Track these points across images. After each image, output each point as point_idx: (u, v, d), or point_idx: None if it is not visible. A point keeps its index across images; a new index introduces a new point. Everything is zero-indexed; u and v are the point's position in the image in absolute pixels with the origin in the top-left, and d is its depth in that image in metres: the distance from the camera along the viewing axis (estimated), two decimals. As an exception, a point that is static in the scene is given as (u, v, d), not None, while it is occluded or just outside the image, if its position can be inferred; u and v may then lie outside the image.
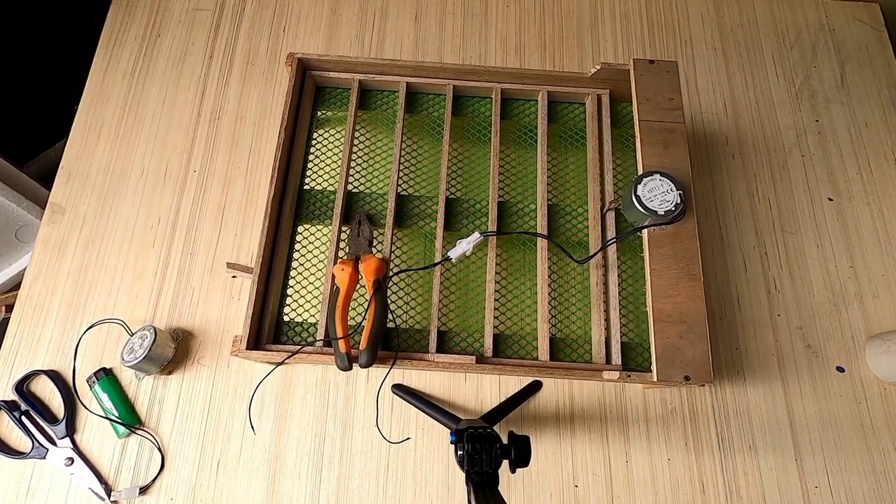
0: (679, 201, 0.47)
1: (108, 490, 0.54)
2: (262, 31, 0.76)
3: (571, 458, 0.57)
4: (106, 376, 0.57)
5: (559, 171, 0.58)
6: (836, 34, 0.79)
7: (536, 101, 0.60)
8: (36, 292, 0.62)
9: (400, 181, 0.56)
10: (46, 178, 0.80)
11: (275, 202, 0.52)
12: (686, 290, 0.47)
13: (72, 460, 0.55)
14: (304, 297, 0.55)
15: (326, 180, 0.56)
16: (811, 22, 0.80)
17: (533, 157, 0.58)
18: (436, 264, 0.48)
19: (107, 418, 0.56)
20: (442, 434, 0.57)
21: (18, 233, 0.89)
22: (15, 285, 0.94)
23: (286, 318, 0.53)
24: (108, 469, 0.55)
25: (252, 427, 0.56)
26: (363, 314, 0.51)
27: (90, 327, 0.59)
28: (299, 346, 0.50)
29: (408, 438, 0.56)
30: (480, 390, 0.59)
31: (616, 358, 0.51)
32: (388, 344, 0.51)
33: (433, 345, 0.50)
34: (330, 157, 0.57)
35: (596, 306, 0.53)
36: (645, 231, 0.49)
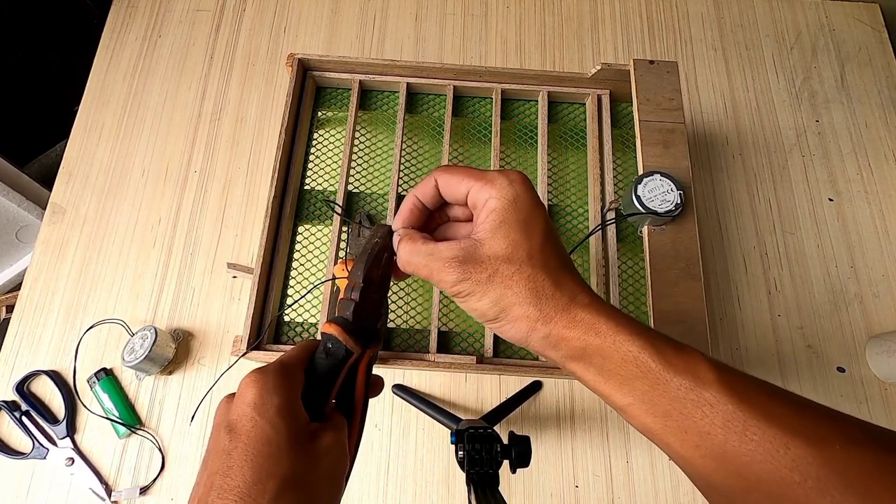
0: (679, 201, 0.47)
1: (109, 490, 0.54)
2: (263, 31, 0.76)
3: (572, 459, 0.57)
4: (106, 376, 0.57)
5: (559, 171, 0.58)
6: (836, 34, 0.79)
7: (536, 101, 0.60)
8: (36, 293, 0.62)
9: (400, 181, 0.56)
10: (47, 179, 0.81)
11: (275, 202, 0.52)
12: (686, 290, 0.47)
13: (72, 460, 0.55)
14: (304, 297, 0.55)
15: (327, 180, 0.56)
16: (811, 22, 0.80)
17: (533, 157, 0.58)
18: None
19: (107, 418, 0.56)
20: (442, 434, 0.57)
21: (19, 233, 0.89)
22: (15, 286, 0.94)
23: (286, 318, 0.53)
24: (109, 469, 0.55)
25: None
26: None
27: (91, 327, 0.59)
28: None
29: None
30: (481, 390, 0.59)
31: (616, 358, 0.51)
32: (387, 344, 0.51)
33: (433, 345, 0.50)
34: (330, 158, 0.57)
35: (596, 306, 0.53)
36: (645, 231, 0.49)
